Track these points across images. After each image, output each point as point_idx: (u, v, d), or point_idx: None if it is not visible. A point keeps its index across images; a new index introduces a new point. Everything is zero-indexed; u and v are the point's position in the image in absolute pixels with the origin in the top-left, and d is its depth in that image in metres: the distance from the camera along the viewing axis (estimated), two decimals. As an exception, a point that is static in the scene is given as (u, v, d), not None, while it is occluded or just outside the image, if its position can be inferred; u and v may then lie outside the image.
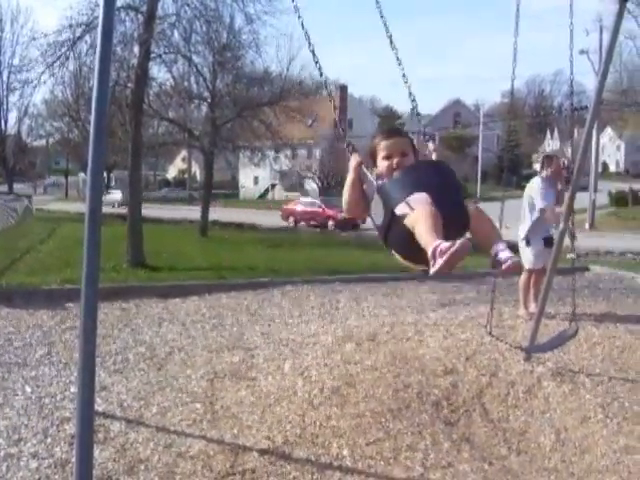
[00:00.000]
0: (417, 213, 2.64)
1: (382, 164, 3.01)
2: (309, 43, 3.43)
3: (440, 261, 2.46)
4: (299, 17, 3.48)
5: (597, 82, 6.15)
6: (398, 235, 2.82)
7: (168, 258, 13.54)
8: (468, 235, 2.82)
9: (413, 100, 3.35)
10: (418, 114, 3.52)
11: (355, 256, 16.34)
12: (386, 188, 2.86)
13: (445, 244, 2.46)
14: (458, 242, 2.47)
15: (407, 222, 2.69)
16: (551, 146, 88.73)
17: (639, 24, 33.04)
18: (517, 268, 2.82)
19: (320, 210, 36.70)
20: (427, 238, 2.56)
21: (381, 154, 3.03)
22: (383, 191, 2.87)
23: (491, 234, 2.87)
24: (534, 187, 8.15)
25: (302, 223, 36.68)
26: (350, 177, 2.99)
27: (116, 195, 49.43)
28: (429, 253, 2.52)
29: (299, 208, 38.21)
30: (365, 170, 3.00)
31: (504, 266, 2.75)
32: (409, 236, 2.67)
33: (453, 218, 2.71)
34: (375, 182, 2.94)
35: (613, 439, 4.79)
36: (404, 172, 2.90)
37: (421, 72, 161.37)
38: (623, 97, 37.20)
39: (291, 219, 37.72)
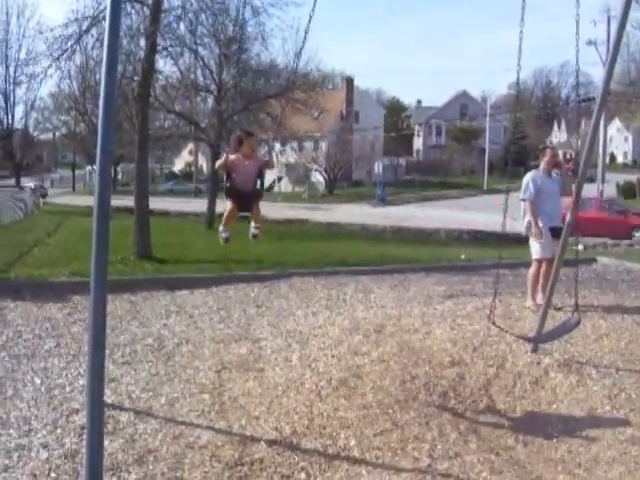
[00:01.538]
0: (229, 204, 5.32)
1: (244, 150, 5.18)
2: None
3: (220, 239, 5.49)
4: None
5: (604, 73, 6.13)
6: (227, 200, 5.40)
7: (175, 251, 13.58)
8: None
9: (298, 54, 5.42)
10: (296, 72, 9.43)
11: (362, 248, 16.35)
12: (230, 184, 5.23)
13: (223, 235, 5.41)
14: (225, 237, 5.41)
15: (227, 202, 5.35)
16: (558, 138, 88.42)
17: (647, 14, 32.82)
18: (256, 236, 5.41)
19: (621, 217, 24.65)
20: (223, 221, 5.40)
21: (244, 144, 5.19)
22: (230, 182, 5.24)
23: (254, 216, 5.37)
24: (523, 180, 8.22)
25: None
26: (221, 160, 5.25)
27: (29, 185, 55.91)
28: (220, 228, 5.49)
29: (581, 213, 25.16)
30: (228, 160, 5.19)
31: (250, 233, 5.41)
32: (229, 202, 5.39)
33: (244, 207, 5.32)
34: (230, 168, 5.20)
35: (620, 430, 4.80)
36: (233, 189, 5.24)
37: (427, 64, 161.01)
38: (631, 88, 37.01)
39: None
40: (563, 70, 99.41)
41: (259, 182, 5.32)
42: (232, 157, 5.22)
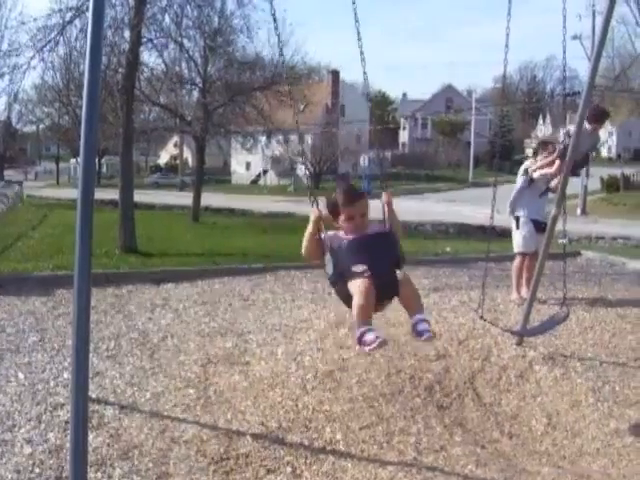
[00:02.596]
0: (356, 286, 3.22)
1: (346, 224, 3.44)
2: None
3: (365, 348, 3.21)
4: None
5: (590, 67, 6.15)
6: (343, 291, 3.40)
7: (160, 244, 13.52)
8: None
9: (365, 72, 3.99)
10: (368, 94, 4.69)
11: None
12: (337, 253, 3.35)
13: (369, 336, 3.14)
14: (378, 341, 3.12)
15: (350, 287, 3.28)
16: (543, 131, 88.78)
17: (632, 9, 33.00)
18: (432, 340, 3.42)
19: None
20: (357, 316, 3.21)
21: (344, 215, 3.44)
22: (334, 254, 3.36)
23: (413, 304, 3.34)
24: (521, 167, 8.38)
25: None
26: (309, 230, 3.46)
27: None
28: (357, 334, 3.23)
29: None
30: (322, 226, 3.43)
31: (422, 337, 3.27)
32: (350, 296, 3.30)
33: (384, 286, 3.26)
34: (329, 242, 3.40)
35: (604, 423, 4.84)
36: (352, 243, 3.33)
37: (413, 57, 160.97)
38: (616, 83, 37.21)
39: None
40: (548, 64, 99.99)
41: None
42: (330, 234, 3.46)
